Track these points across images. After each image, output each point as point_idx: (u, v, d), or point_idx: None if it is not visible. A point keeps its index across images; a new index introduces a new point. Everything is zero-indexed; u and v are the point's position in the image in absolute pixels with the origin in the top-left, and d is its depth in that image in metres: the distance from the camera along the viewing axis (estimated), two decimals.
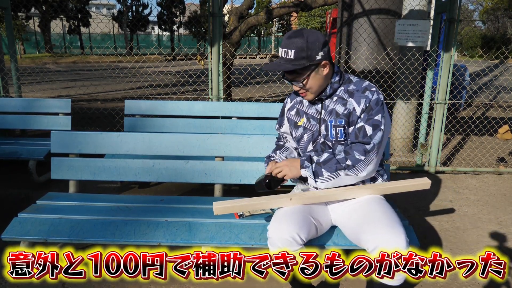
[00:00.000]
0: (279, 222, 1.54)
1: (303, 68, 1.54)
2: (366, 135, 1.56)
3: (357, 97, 1.60)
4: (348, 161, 1.55)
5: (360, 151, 1.55)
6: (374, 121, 1.56)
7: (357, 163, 1.55)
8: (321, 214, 1.69)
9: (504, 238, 2.59)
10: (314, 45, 1.51)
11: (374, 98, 1.58)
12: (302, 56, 1.51)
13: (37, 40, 26.74)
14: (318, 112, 1.69)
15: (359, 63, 5.73)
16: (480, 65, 16.06)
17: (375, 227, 1.47)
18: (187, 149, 2.21)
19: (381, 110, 1.58)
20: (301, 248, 1.53)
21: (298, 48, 1.50)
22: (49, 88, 9.14)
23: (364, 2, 5.53)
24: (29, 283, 2.00)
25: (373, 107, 1.57)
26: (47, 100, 3.50)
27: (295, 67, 1.52)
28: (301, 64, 1.51)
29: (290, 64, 1.52)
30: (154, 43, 32.43)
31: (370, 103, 1.57)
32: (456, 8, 3.53)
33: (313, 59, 1.52)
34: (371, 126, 1.56)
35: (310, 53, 1.51)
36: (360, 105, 1.59)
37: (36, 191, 3.13)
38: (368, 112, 1.57)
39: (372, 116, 1.57)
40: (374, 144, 1.55)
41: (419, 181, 1.69)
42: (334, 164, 1.56)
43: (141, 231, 1.80)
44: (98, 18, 26.51)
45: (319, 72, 1.57)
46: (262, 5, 25.68)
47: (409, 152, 4.38)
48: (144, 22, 26.93)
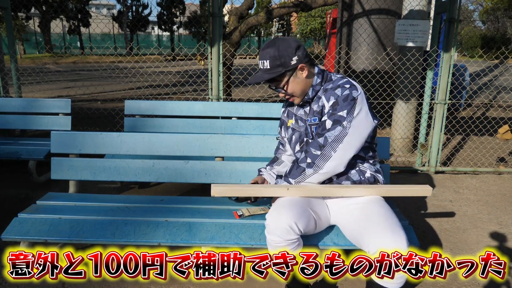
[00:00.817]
0: (277, 211, 1.56)
1: (280, 75, 1.60)
2: (325, 129, 1.58)
3: (328, 94, 1.62)
4: (308, 159, 1.59)
5: (315, 146, 1.58)
6: (336, 117, 1.57)
7: (315, 159, 1.57)
8: (321, 209, 1.70)
9: (504, 238, 2.59)
10: (286, 52, 1.57)
11: (344, 94, 1.57)
12: (277, 64, 1.58)
13: (37, 40, 26.75)
14: (306, 114, 1.73)
15: (359, 63, 5.73)
16: (480, 65, 16.05)
17: (376, 229, 1.47)
18: (187, 149, 2.21)
19: (347, 106, 1.55)
20: (297, 238, 1.55)
21: (272, 58, 1.57)
22: (49, 88, 9.14)
23: (364, 2, 5.53)
24: (29, 283, 2.01)
25: (339, 103, 1.57)
26: (47, 100, 3.50)
27: (272, 76, 1.58)
28: (277, 71, 1.58)
29: (267, 73, 1.60)
30: (154, 43, 32.44)
31: (338, 99, 1.58)
32: (456, 8, 3.53)
33: (288, 65, 1.58)
34: (332, 121, 1.57)
35: (284, 60, 1.57)
36: (329, 102, 1.60)
37: (36, 191, 3.14)
38: (333, 107, 1.58)
39: (335, 112, 1.57)
40: (326, 138, 1.56)
41: (420, 188, 1.68)
42: (296, 169, 1.62)
43: (141, 231, 1.80)
44: (98, 18, 26.52)
45: (297, 76, 1.62)
46: (262, 5, 25.69)
47: (409, 152, 4.38)
48: (144, 22, 26.95)
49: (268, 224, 1.56)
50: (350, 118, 1.56)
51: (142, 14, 28.45)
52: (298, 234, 1.53)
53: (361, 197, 1.66)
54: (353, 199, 1.67)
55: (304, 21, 29.05)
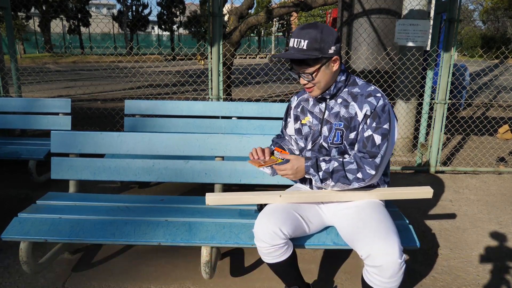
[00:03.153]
0: (262, 218, 1.58)
1: (314, 60, 1.49)
2: (375, 145, 1.52)
3: (360, 102, 1.56)
4: (359, 173, 1.52)
5: (371, 165, 1.52)
6: (382, 130, 1.52)
7: (367, 177, 1.52)
8: (312, 212, 1.70)
9: (504, 238, 2.59)
10: (328, 38, 1.48)
11: (380, 104, 1.53)
12: (315, 48, 1.46)
13: (37, 40, 26.74)
14: (321, 112, 1.66)
15: (359, 63, 5.73)
16: (480, 65, 16.05)
17: (370, 235, 1.47)
18: (187, 149, 2.21)
19: (388, 117, 1.54)
20: (284, 242, 1.56)
21: (312, 39, 1.46)
22: (49, 88, 9.14)
23: (364, 2, 5.53)
24: (29, 282, 2.01)
25: (380, 115, 1.52)
26: (47, 100, 3.50)
27: (306, 57, 1.47)
28: (313, 55, 1.47)
29: (301, 53, 1.47)
30: (154, 43, 32.44)
31: (376, 110, 1.52)
32: (456, 8, 3.53)
33: (325, 52, 1.48)
34: (380, 135, 1.52)
35: (323, 45, 1.47)
36: (362, 111, 1.55)
37: (36, 191, 3.14)
38: (375, 119, 1.52)
39: (380, 125, 1.52)
40: (382, 157, 1.53)
41: (421, 190, 1.68)
42: (342, 176, 1.53)
43: (141, 231, 1.80)
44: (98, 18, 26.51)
45: (329, 67, 1.53)
46: (262, 5, 25.68)
47: (409, 152, 4.38)
48: (144, 22, 26.94)
49: (255, 232, 1.59)
50: (390, 129, 1.55)
51: (142, 13, 28.44)
52: (284, 238, 1.55)
53: (359, 201, 1.67)
54: (349, 203, 1.67)
55: (304, 20, 29.03)
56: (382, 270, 1.40)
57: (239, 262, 2.24)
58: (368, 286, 1.48)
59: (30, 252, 1.80)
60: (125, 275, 2.10)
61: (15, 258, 2.20)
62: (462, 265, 2.25)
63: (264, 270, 2.15)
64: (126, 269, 2.15)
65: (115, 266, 2.18)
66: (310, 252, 2.34)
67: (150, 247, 2.34)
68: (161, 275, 2.11)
